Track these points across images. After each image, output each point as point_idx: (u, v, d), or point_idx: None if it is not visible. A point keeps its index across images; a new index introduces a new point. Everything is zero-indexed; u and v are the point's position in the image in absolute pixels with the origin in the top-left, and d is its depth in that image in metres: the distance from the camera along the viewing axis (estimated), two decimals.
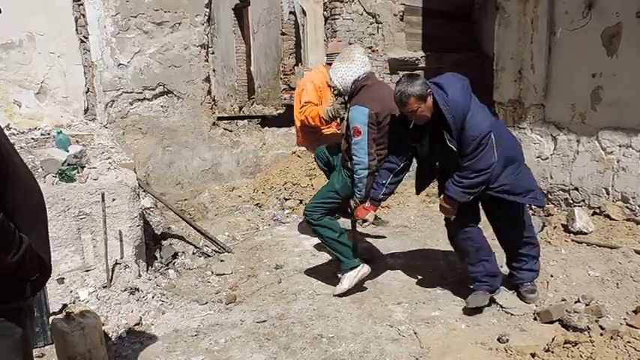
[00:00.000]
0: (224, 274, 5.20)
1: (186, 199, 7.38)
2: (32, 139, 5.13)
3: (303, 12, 14.47)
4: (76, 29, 6.22)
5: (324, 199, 4.60)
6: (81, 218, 4.23)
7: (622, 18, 5.31)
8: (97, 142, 5.22)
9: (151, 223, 5.78)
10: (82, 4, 6.20)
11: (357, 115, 4.25)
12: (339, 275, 4.66)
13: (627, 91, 5.32)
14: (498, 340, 3.72)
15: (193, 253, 5.70)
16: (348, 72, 4.43)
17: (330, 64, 5.05)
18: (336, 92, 5.03)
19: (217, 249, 5.78)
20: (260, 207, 7.25)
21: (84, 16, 6.24)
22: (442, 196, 4.12)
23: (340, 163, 4.67)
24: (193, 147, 7.36)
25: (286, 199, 7.37)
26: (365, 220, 4.44)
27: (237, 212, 7.12)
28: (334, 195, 4.57)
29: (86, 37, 6.28)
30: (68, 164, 4.30)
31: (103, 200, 4.18)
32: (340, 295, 4.54)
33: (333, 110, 5.11)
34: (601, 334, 3.54)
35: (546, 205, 6.12)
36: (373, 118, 4.22)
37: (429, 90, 3.78)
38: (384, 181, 4.26)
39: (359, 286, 4.65)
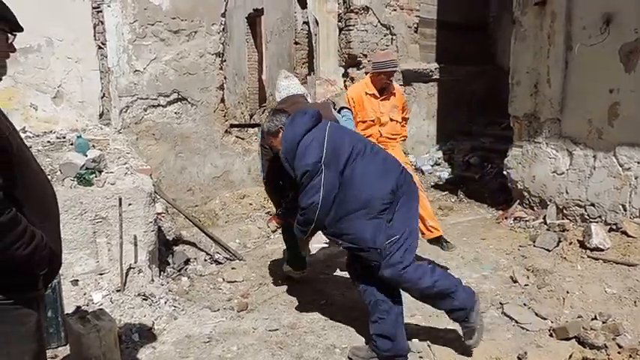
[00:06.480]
0: (235, 281, 5.20)
1: (196, 206, 7.38)
2: (48, 142, 5.16)
3: (316, 22, 14.50)
4: (94, 35, 6.26)
5: None
6: (97, 222, 4.24)
7: None
8: (113, 147, 5.24)
9: (162, 228, 5.78)
10: (100, 11, 6.24)
11: None
12: None
13: None
14: (518, 358, 3.68)
15: (205, 260, 5.70)
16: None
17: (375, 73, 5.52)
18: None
19: (229, 256, 5.77)
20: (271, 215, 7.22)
21: (102, 22, 6.28)
22: None
23: None
24: (205, 154, 7.37)
25: None
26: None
27: (248, 220, 7.11)
28: None
29: (104, 44, 6.31)
30: (86, 168, 4.31)
31: (120, 205, 4.18)
32: None
33: None
34: (619, 352, 3.52)
35: (562, 221, 6.08)
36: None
37: (280, 126, 3.77)
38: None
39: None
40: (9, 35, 2.02)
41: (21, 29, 2.06)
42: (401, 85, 9.10)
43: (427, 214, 5.29)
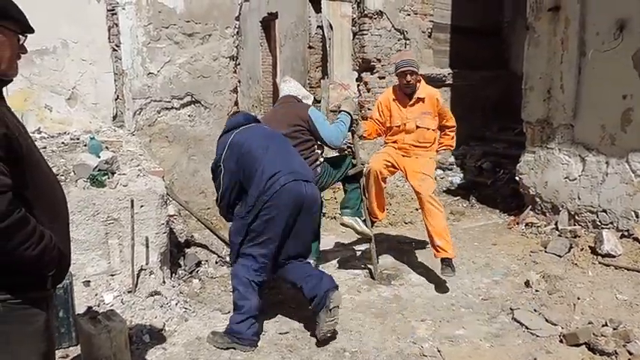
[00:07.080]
0: None
1: (208, 208, 7.38)
2: (62, 143, 5.20)
3: (330, 26, 14.52)
4: (109, 38, 6.30)
5: None
6: (109, 223, 4.26)
7: None
8: (126, 149, 5.27)
9: (174, 230, 5.80)
10: (115, 14, 6.28)
11: None
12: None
13: None
14: None
15: (216, 262, 5.71)
16: None
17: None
18: None
19: None
20: None
21: (117, 25, 6.32)
22: None
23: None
24: None
25: None
26: None
27: None
28: None
29: (118, 46, 6.36)
30: (99, 170, 4.34)
31: (132, 207, 4.21)
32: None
33: None
34: (629, 359, 3.49)
35: (573, 227, 6.05)
36: None
37: None
38: None
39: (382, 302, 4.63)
40: (20, 36, 2.03)
41: (32, 30, 2.06)
42: None
43: (436, 232, 5.04)
